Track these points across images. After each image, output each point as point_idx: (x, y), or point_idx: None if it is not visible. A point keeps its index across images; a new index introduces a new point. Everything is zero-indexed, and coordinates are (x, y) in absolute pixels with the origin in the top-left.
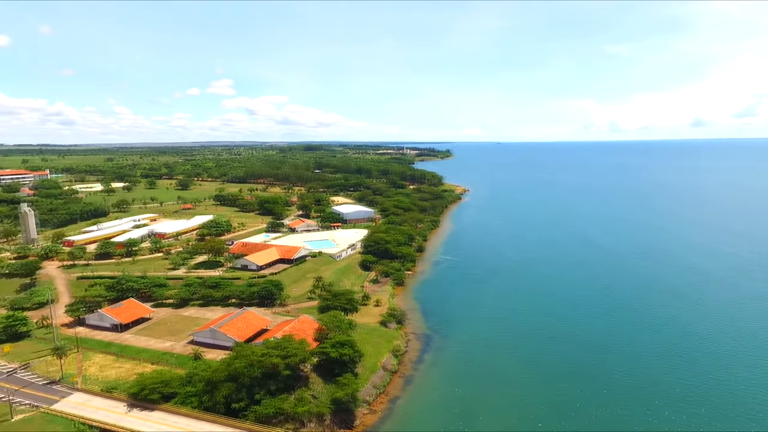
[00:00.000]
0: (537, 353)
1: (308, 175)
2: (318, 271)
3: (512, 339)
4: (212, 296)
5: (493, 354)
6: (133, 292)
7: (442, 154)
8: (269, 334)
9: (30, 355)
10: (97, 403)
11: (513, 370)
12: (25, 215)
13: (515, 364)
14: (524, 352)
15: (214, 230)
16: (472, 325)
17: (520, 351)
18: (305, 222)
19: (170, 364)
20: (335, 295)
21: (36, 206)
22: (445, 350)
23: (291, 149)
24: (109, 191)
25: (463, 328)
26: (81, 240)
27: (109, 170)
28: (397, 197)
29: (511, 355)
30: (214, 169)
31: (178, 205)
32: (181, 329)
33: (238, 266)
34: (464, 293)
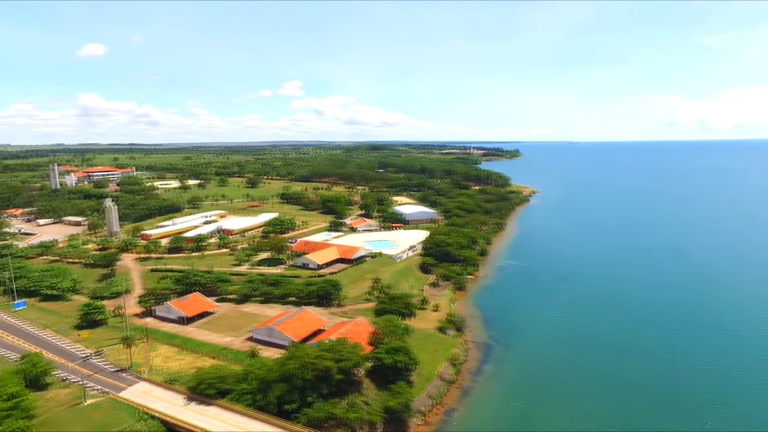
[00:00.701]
0: (608, 370)
1: (371, 175)
2: (376, 272)
3: (580, 353)
4: (272, 294)
5: (559, 368)
6: (199, 286)
7: (510, 154)
8: (324, 335)
9: (104, 342)
10: (159, 393)
11: (580, 388)
12: (108, 210)
13: (583, 380)
14: (593, 368)
15: (278, 228)
16: (537, 335)
17: (589, 367)
18: (366, 222)
19: (228, 360)
20: (392, 299)
21: (119, 201)
22: (507, 361)
23: (356, 149)
24: (184, 188)
25: (526, 339)
26: (156, 234)
27: (186, 168)
28: (461, 198)
29: (579, 370)
30: (282, 167)
31: (246, 202)
32: (240, 325)
33: (298, 264)
34: (529, 301)
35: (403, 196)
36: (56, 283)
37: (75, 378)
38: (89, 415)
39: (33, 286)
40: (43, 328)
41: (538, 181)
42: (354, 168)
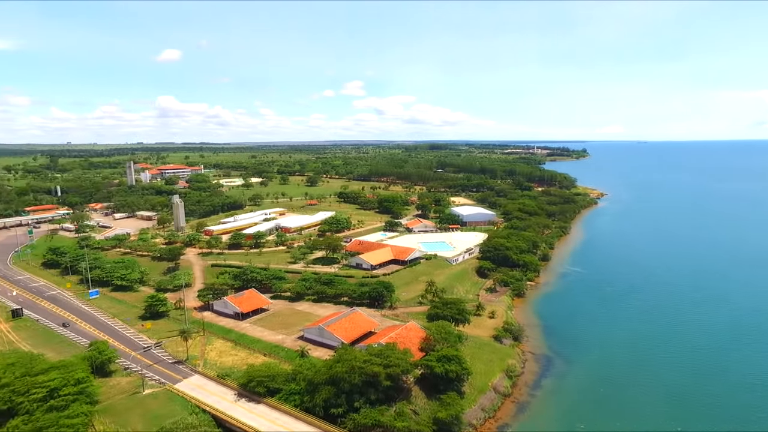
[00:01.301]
0: (684, 394)
1: (429, 175)
2: (431, 275)
3: (653, 373)
4: (325, 293)
5: (628, 388)
6: (255, 283)
7: (577, 154)
8: (375, 337)
9: (165, 333)
10: (211, 387)
11: (652, 414)
12: (175, 206)
13: (656, 406)
14: (668, 393)
15: (334, 227)
16: (604, 350)
17: (663, 390)
18: (422, 222)
19: (279, 357)
20: (446, 303)
21: (186, 198)
22: (569, 377)
23: (416, 148)
24: (248, 186)
25: (591, 353)
26: (218, 230)
27: (251, 167)
28: (522, 200)
29: (651, 392)
30: (341, 166)
31: (305, 200)
32: (293, 323)
33: (352, 264)
34: (595, 312)
35: (461, 196)
36: (126, 275)
37: (136, 367)
38: (147, 404)
39: (106, 276)
40: (112, 317)
41: (606, 182)
42: (412, 167)
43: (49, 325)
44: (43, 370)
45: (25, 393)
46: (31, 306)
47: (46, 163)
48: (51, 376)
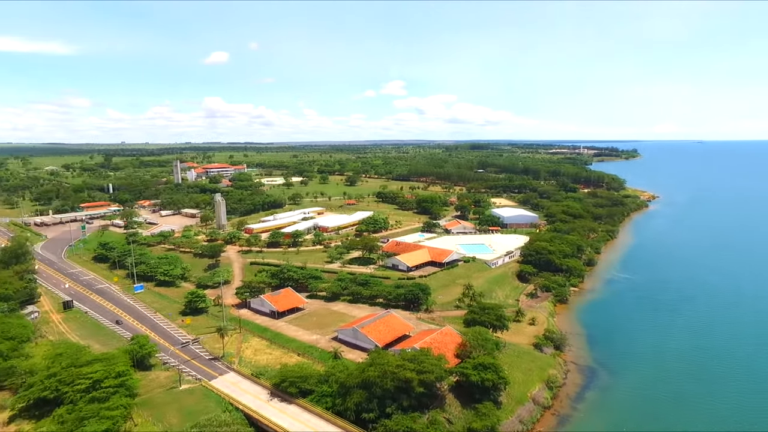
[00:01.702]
0: (745, 416)
1: (470, 175)
2: (469, 278)
3: (709, 391)
4: (361, 294)
5: (680, 406)
6: (292, 282)
7: (627, 154)
8: (409, 341)
9: (203, 329)
10: (245, 386)
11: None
12: (217, 204)
13: (711, 426)
14: (725, 412)
15: (371, 227)
16: (654, 364)
17: (719, 409)
18: (461, 224)
19: (313, 358)
20: (483, 309)
21: (228, 196)
22: (614, 390)
23: (457, 148)
24: (288, 185)
25: (640, 366)
26: (257, 228)
27: (292, 166)
28: (567, 202)
29: (706, 412)
30: (381, 166)
31: (343, 200)
32: (328, 323)
33: (388, 265)
34: (645, 322)
35: (502, 197)
36: (169, 271)
37: (174, 362)
38: (183, 399)
39: (150, 271)
40: (155, 312)
41: (659, 184)
42: (452, 167)
43: (96, 317)
44: (87, 361)
45: (71, 383)
46: (81, 298)
47: (101, 162)
48: (94, 368)
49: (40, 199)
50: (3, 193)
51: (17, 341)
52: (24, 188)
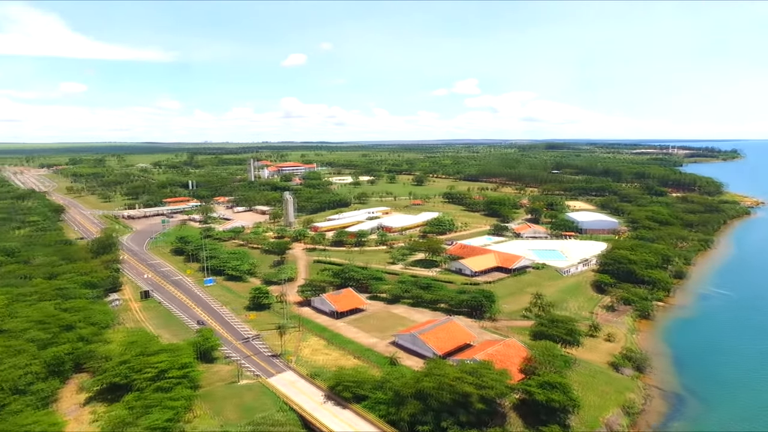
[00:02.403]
0: None
1: (544, 176)
2: (539, 286)
3: None
4: (422, 297)
5: None
6: (354, 282)
7: (725, 155)
8: (470, 352)
9: (266, 325)
10: (301, 386)
11: None
12: (286, 201)
13: None
14: None
15: (437, 228)
16: (754, 395)
17: None
18: (532, 228)
19: (370, 362)
20: (553, 321)
21: (298, 194)
22: (705, 422)
23: (531, 147)
24: (356, 184)
25: (738, 397)
26: (324, 227)
27: (361, 165)
28: (653, 207)
29: None
30: (450, 166)
31: (409, 200)
32: (387, 326)
33: (452, 269)
34: (745, 346)
35: (579, 200)
36: (237, 266)
37: (236, 356)
38: (241, 394)
39: (221, 266)
40: (222, 305)
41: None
42: (526, 168)
43: (170, 308)
44: (155, 351)
45: (140, 371)
46: (158, 288)
47: (186, 160)
48: (161, 358)
49: (130, 194)
50: (100, 187)
51: (98, 327)
52: (118, 184)
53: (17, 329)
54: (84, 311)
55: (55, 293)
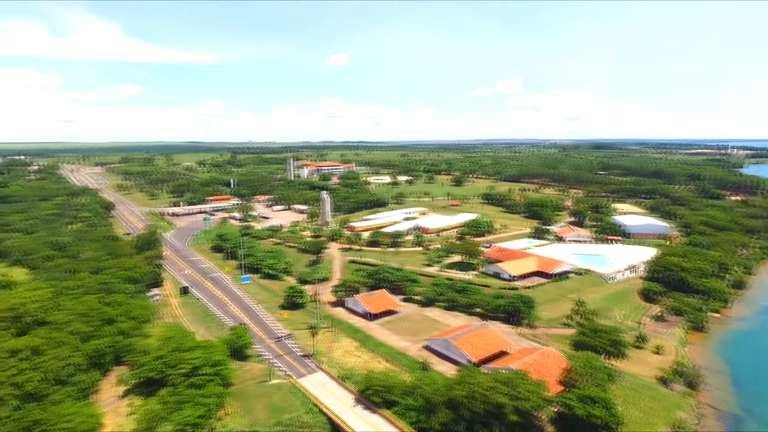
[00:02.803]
0: None
1: (589, 177)
2: (581, 293)
3: None
4: (457, 301)
5: None
6: (388, 283)
7: None
8: (506, 360)
9: (299, 324)
10: (331, 387)
11: None
12: (323, 201)
13: None
14: None
15: (474, 230)
16: None
17: None
18: (576, 231)
19: (401, 366)
20: (596, 331)
21: (335, 194)
22: None
23: (575, 147)
24: (394, 184)
25: None
26: (359, 227)
27: (399, 165)
28: (709, 211)
29: None
30: (490, 166)
31: (447, 200)
32: (420, 330)
33: (489, 272)
34: None
35: (627, 203)
36: (273, 264)
37: (268, 355)
38: (271, 394)
39: (257, 264)
40: (257, 303)
41: None
42: (569, 169)
43: (206, 304)
44: (190, 347)
45: (174, 366)
46: (196, 285)
47: (228, 159)
48: (195, 354)
49: (175, 191)
50: (147, 185)
51: (138, 321)
52: (164, 182)
53: (61, 321)
54: (125, 305)
55: (99, 287)
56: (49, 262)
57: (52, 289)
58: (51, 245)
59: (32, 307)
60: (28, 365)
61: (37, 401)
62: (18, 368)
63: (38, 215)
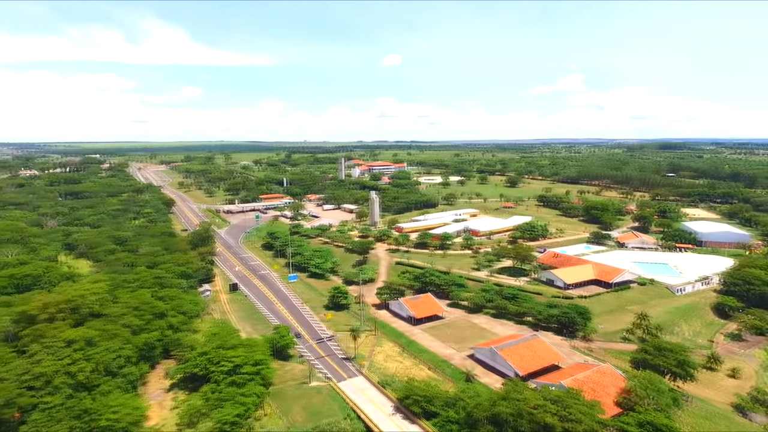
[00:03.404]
0: None
1: (656, 179)
2: (645, 305)
3: None
4: (506, 308)
5: None
6: (434, 287)
7: None
8: (557, 375)
9: (342, 326)
10: (371, 393)
11: None
12: (372, 201)
13: None
14: None
15: (528, 234)
16: None
17: None
18: (639, 237)
19: (444, 375)
20: (660, 349)
21: (385, 194)
22: None
23: (641, 147)
24: (445, 184)
25: None
26: (408, 228)
27: (452, 165)
28: None
29: None
30: (547, 167)
31: (500, 202)
32: (466, 337)
33: (542, 279)
34: None
35: (699, 208)
36: (320, 264)
37: (310, 356)
38: (310, 396)
39: (304, 263)
40: (303, 302)
41: None
42: (634, 170)
43: (254, 302)
44: (233, 345)
45: (217, 363)
46: (245, 282)
47: (283, 158)
48: (237, 352)
49: (231, 189)
50: (206, 183)
51: (188, 316)
52: (221, 180)
53: (115, 314)
54: (176, 300)
55: (153, 281)
56: (110, 255)
57: (109, 283)
58: (113, 239)
59: (90, 300)
60: (82, 355)
61: (88, 391)
62: (72, 358)
63: (105, 210)
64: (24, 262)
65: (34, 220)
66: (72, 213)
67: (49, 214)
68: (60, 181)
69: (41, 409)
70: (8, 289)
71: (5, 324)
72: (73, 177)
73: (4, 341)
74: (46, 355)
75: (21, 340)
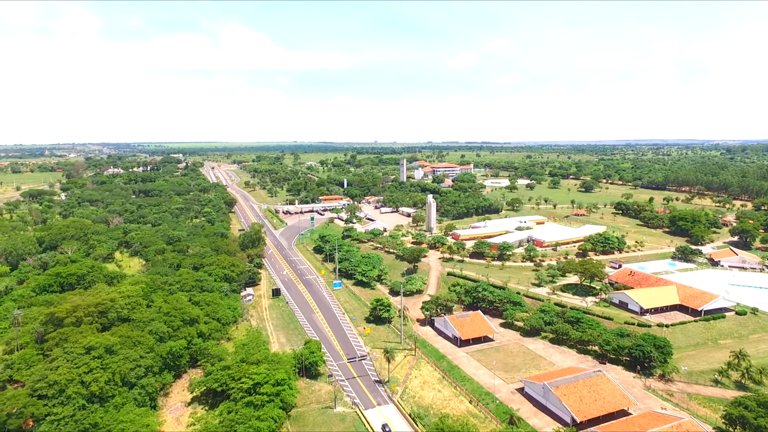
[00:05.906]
0: None
1: (761, 186)
2: (743, 340)
3: None
4: (568, 334)
5: None
6: (486, 303)
7: None
8: (625, 424)
9: (380, 342)
10: (399, 426)
11: None
12: (428, 205)
13: None
14: None
15: (600, 246)
16: None
17: None
18: (738, 255)
19: (486, 410)
20: (764, 405)
21: (444, 197)
22: None
23: (745, 149)
24: (512, 188)
25: None
26: (465, 235)
27: (521, 167)
28: None
29: None
30: (629, 171)
31: (571, 209)
32: (517, 365)
33: (614, 301)
34: None
35: None
36: (367, 271)
37: (340, 375)
38: (333, 424)
39: (351, 269)
40: (344, 313)
41: None
42: (733, 175)
43: (294, 309)
44: (257, 360)
45: (238, 379)
46: (290, 287)
47: (348, 159)
48: (259, 369)
49: (292, 190)
50: (270, 183)
51: (222, 323)
52: (285, 180)
53: (143, 320)
54: (213, 305)
55: (194, 284)
56: (159, 255)
57: (145, 286)
58: (166, 238)
59: (120, 304)
60: (99, 364)
61: (101, 402)
62: (89, 366)
63: (168, 209)
64: (73, 260)
65: (102, 216)
66: (138, 210)
67: (117, 211)
68: (137, 179)
69: (50, 420)
70: (54, 288)
71: (35, 325)
72: (148, 175)
73: (36, 342)
74: (64, 362)
75: (47, 343)
